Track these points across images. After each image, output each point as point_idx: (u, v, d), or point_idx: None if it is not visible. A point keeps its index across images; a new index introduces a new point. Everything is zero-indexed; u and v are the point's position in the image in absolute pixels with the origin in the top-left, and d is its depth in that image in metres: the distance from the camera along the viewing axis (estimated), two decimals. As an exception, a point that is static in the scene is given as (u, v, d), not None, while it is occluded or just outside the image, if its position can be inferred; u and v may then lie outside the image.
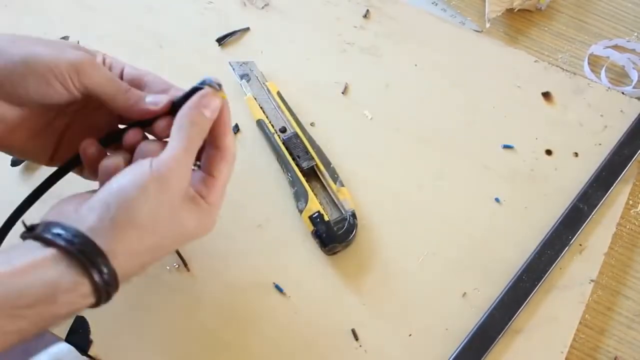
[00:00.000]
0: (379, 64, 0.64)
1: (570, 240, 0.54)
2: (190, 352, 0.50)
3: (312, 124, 0.60)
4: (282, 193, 0.56)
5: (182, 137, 0.38)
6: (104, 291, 0.35)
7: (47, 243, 0.34)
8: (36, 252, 0.34)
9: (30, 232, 0.35)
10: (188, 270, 0.53)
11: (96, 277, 0.34)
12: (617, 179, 0.57)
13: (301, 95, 0.61)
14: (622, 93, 0.63)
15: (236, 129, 0.60)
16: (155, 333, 0.51)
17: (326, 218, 0.53)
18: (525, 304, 0.52)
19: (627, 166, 0.58)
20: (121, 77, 0.44)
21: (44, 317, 0.33)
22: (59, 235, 0.34)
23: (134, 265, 0.37)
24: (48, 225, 0.35)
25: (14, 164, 0.57)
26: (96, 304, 0.36)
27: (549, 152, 0.60)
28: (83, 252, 0.34)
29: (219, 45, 0.64)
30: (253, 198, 0.56)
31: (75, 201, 0.37)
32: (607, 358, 0.52)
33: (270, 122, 0.58)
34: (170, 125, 0.40)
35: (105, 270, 0.34)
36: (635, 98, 0.63)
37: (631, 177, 0.59)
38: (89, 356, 0.50)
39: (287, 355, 0.50)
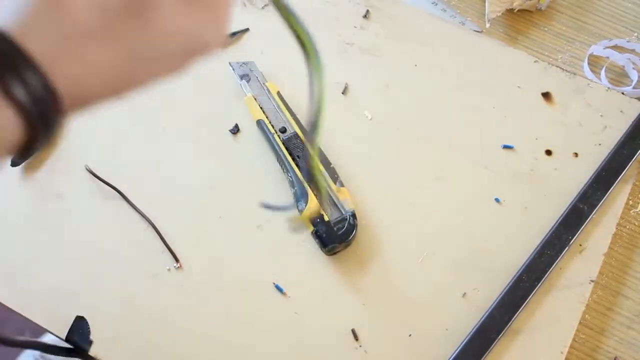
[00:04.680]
0: (379, 64, 0.64)
1: (570, 241, 0.54)
2: (190, 352, 0.50)
3: (312, 124, 0.60)
4: (282, 193, 0.56)
5: None
6: (33, 109, 0.23)
7: None
8: None
9: None
10: (180, 265, 0.53)
11: (17, 88, 0.22)
12: (617, 179, 0.57)
13: (301, 95, 0.61)
14: (622, 93, 0.63)
15: (236, 129, 0.60)
16: (155, 333, 0.51)
17: (326, 218, 0.53)
18: (525, 304, 0.52)
19: (627, 166, 0.58)
20: None
21: None
22: None
23: (82, 63, 0.25)
24: None
25: (14, 164, 0.57)
26: (30, 139, 0.24)
27: (549, 152, 0.60)
28: None
29: (219, 45, 0.64)
30: (253, 198, 0.56)
31: None
32: (607, 358, 0.52)
33: (270, 122, 0.58)
34: None
35: (29, 75, 0.23)
36: (635, 98, 0.62)
37: (631, 177, 0.59)
38: (89, 356, 0.50)
39: (287, 356, 0.50)
